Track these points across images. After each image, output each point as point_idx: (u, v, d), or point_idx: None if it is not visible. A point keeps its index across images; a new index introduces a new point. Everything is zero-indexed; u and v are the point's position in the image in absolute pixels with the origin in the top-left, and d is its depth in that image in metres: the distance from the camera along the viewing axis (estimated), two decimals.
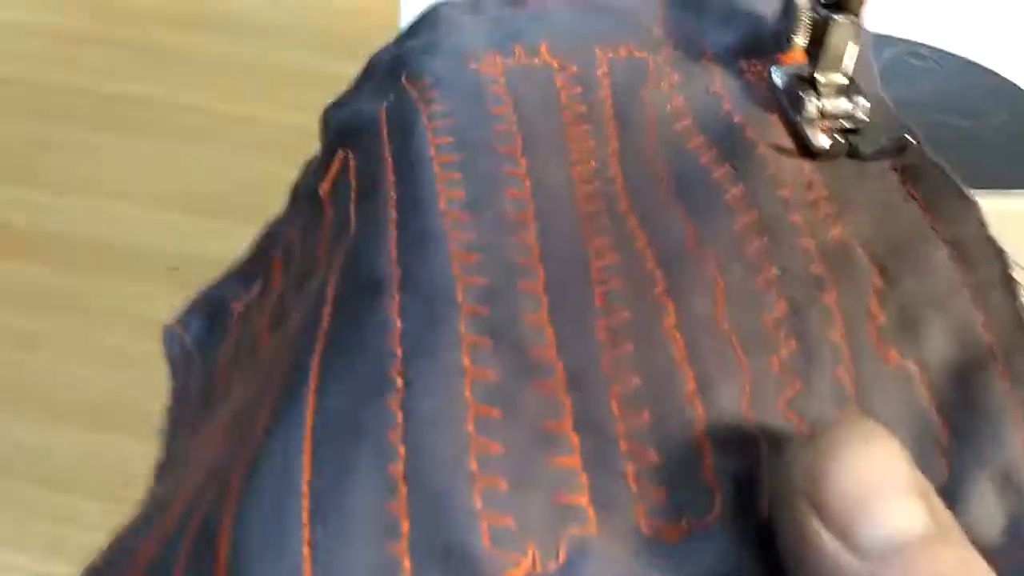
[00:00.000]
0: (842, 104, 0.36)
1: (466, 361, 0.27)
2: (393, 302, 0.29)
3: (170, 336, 0.45)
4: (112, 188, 0.59)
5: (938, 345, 0.29)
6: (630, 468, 0.26)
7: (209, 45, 0.72)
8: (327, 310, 0.30)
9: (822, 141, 0.35)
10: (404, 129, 0.35)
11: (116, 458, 0.45)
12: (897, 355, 0.29)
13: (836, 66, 0.36)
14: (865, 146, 0.35)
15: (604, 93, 0.37)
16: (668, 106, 0.37)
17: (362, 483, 0.25)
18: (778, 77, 0.38)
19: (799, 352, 0.29)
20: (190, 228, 0.57)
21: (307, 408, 0.27)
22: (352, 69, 0.46)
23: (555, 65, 0.37)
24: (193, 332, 0.44)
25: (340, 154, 0.38)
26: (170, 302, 0.50)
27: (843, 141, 0.35)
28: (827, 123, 0.36)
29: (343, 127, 0.38)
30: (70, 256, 0.55)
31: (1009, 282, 0.30)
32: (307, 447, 0.26)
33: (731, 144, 0.35)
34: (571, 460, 0.26)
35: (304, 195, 0.41)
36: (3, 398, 0.47)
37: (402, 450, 0.26)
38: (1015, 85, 0.42)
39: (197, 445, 0.36)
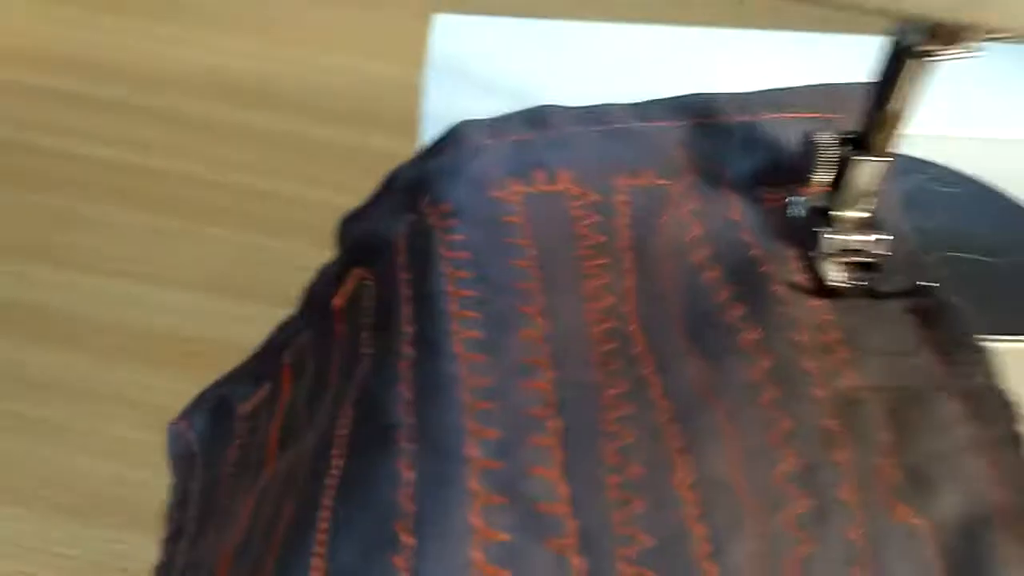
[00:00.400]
0: (860, 239, 0.36)
1: (477, 521, 0.27)
2: (404, 453, 0.29)
3: (174, 434, 0.45)
4: (132, 267, 0.59)
5: (948, 503, 0.29)
6: None
7: (239, 118, 0.72)
8: (338, 453, 0.30)
9: (838, 279, 0.35)
10: (422, 259, 0.35)
11: (122, 555, 0.45)
12: (907, 512, 0.29)
13: (856, 203, 0.36)
14: (882, 284, 0.35)
15: (622, 222, 0.37)
16: (686, 236, 0.37)
17: None
18: (797, 208, 0.38)
19: (812, 510, 0.29)
20: (211, 311, 0.56)
21: (315, 562, 0.27)
22: (391, 144, 0.46)
23: (575, 193, 0.37)
24: (198, 431, 0.45)
25: (356, 272, 0.38)
26: (186, 390, 0.51)
27: (860, 279, 0.35)
28: (844, 258, 0.36)
29: (360, 244, 0.39)
30: (80, 338, 0.55)
31: (1018, 439, 0.30)
32: None
33: (747, 279, 0.35)
34: None
35: (317, 303, 0.41)
36: (4, 491, 0.47)
37: None
38: None
39: (198, 563, 0.37)
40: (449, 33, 0.51)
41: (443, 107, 0.45)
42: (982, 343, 0.33)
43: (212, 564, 0.34)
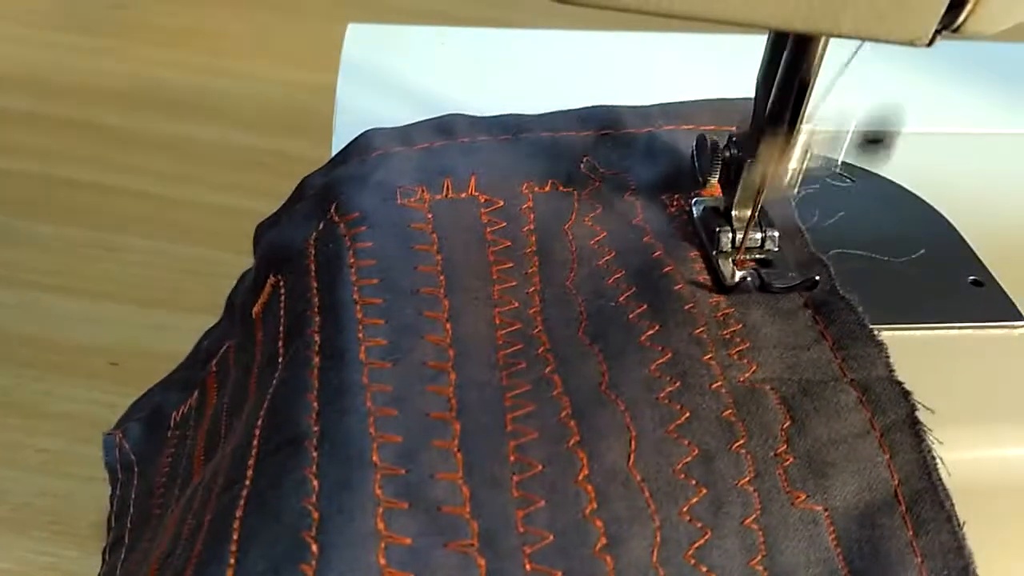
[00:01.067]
0: (756, 237, 0.38)
1: (380, 525, 0.28)
2: (311, 461, 0.29)
3: (109, 444, 0.46)
4: (54, 280, 0.59)
5: (844, 489, 0.31)
6: None
7: (160, 127, 0.71)
8: (251, 463, 0.31)
9: (735, 276, 0.37)
10: (331, 268, 0.36)
11: (51, 567, 0.45)
12: (804, 498, 0.31)
13: (750, 204, 0.38)
14: (777, 280, 0.37)
15: (528, 228, 0.38)
16: (590, 241, 0.38)
17: None
18: (697, 210, 0.39)
19: (708, 500, 0.30)
20: (135, 322, 0.57)
21: (228, 572, 0.28)
22: (313, 151, 0.47)
23: (482, 200, 0.39)
24: (132, 440, 0.45)
25: (272, 279, 0.39)
26: (110, 401, 0.51)
27: (755, 275, 0.37)
28: (742, 256, 0.38)
29: (274, 252, 0.39)
30: (3, 351, 0.54)
31: (915, 425, 0.32)
32: None
33: (649, 280, 0.37)
34: None
35: (239, 309, 0.42)
36: None
37: None
38: (934, 210, 0.43)
39: (133, 573, 0.37)
40: (362, 41, 0.51)
41: (356, 115, 0.46)
42: (876, 335, 0.34)
43: (144, 574, 0.34)
